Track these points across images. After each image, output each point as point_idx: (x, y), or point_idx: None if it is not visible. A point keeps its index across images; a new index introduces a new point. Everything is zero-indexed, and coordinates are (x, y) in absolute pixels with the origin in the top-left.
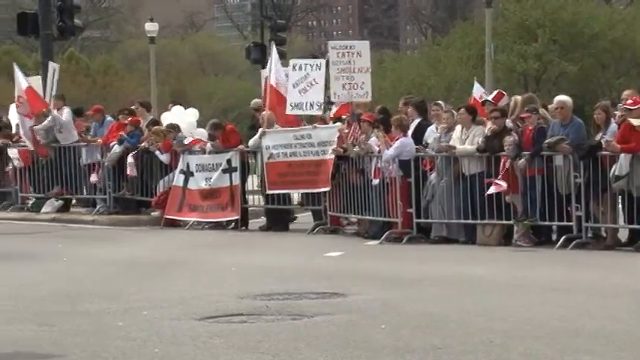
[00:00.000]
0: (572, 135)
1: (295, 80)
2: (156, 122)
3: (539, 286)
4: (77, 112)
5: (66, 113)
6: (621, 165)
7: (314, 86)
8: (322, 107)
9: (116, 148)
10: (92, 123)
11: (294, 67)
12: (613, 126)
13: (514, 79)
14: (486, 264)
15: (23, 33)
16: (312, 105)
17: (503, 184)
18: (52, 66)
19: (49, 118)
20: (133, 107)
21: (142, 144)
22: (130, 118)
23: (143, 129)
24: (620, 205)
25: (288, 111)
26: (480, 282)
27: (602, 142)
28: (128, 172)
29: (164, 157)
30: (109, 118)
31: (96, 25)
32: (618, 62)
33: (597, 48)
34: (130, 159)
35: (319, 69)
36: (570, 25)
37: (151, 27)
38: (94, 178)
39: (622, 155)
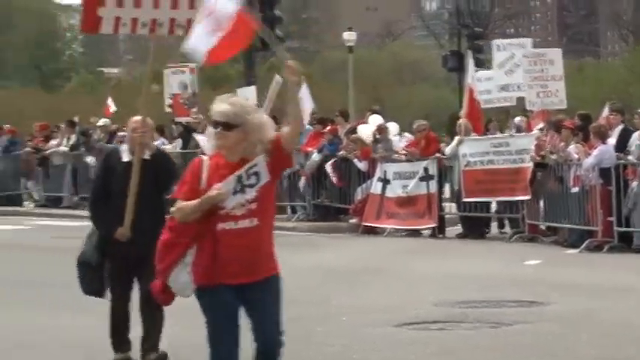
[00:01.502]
0: None
1: (500, 61)
2: (354, 130)
3: None
4: None
5: None
6: None
7: (519, 67)
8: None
9: (315, 156)
10: None
11: (498, 48)
12: None
13: None
14: None
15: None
16: (519, 87)
17: None
18: (276, 79)
19: None
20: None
21: (341, 152)
22: (329, 127)
23: (342, 137)
24: None
25: (495, 93)
26: None
27: None
28: (334, 181)
29: (362, 165)
30: (307, 126)
31: (296, 36)
32: None
33: None
34: (328, 168)
35: (524, 48)
36: None
37: (349, 36)
38: (302, 183)
39: None
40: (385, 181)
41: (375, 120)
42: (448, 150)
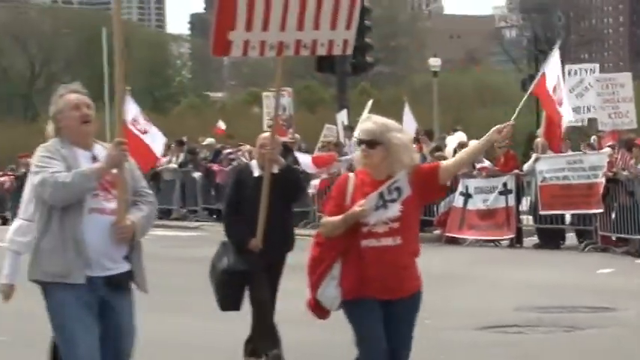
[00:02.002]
0: None
1: (571, 85)
2: (438, 148)
3: None
4: None
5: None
6: None
7: (589, 90)
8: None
9: None
10: None
11: (569, 73)
12: None
13: None
14: None
15: (322, 70)
16: (588, 108)
17: None
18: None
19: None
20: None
21: None
22: (414, 146)
23: (426, 155)
24: None
25: (566, 116)
26: None
27: None
28: None
29: None
30: None
31: (385, 62)
32: None
33: None
34: None
35: (593, 72)
36: None
37: (434, 62)
38: None
39: None
40: (467, 195)
41: (459, 137)
42: (526, 167)
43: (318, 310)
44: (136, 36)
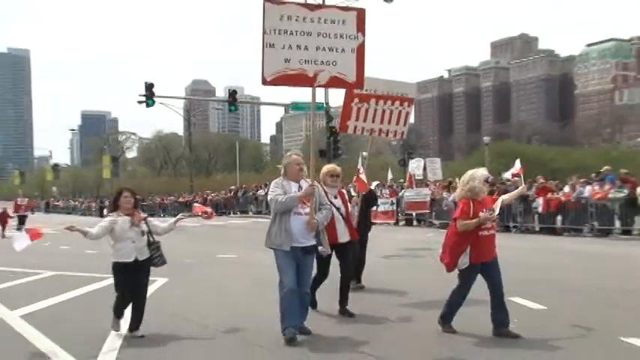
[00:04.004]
0: None
1: (414, 166)
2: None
3: None
4: None
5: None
6: None
7: (421, 167)
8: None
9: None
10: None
11: (414, 161)
12: None
13: None
14: None
15: (322, 157)
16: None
17: None
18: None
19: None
20: None
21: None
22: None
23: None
24: None
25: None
26: None
27: None
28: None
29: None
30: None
31: (345, 153)
32: None
33: None
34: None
35: (421, 161)
36: None
37: (365, 154)
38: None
39: None
40: (377, 205)
41: (375, 183)
42: (400, 194)
43: (452, 268)
44: (249, 145)
